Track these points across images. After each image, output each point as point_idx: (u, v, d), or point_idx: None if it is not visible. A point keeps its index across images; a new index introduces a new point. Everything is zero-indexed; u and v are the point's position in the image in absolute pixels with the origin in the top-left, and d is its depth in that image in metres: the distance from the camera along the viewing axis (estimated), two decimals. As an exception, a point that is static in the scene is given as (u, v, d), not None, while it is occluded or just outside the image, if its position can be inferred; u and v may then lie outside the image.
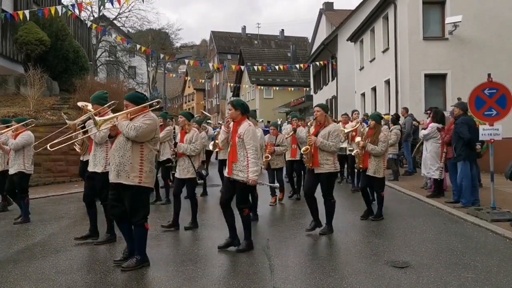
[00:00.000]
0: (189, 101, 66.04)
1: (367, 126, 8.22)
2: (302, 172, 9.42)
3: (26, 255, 5.79)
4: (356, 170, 9.31)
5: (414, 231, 6.53)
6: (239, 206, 5.55)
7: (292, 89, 37.56)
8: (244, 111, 5.49)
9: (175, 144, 6.84)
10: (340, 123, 10.81)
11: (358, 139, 7.66)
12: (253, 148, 5.33)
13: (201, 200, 9.57)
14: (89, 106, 8.58)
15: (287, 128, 9.55)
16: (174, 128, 10.33)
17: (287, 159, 9.56)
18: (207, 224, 7.35)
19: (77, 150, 7.59)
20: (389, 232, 6.54)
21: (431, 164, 8.86)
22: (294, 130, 8.91)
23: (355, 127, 9.63)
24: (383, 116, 7.91)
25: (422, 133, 9.18)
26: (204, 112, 11.11)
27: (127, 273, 4.88)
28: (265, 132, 11.27)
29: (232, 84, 46.61)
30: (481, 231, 6.42)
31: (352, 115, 11.95)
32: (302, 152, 6.40)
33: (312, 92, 33.79)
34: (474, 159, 8.04)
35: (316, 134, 6.23)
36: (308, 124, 6.98)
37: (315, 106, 6.44)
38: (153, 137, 4.91)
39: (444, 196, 8.94)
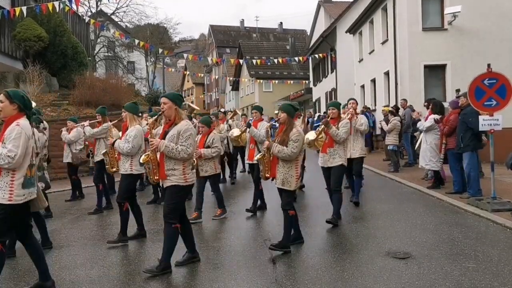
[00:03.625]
0: (188, 96, 65.96)
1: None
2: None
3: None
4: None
5: (415, 222, 6.56)
6: None
7: (292, 82, 37.52)
8: (24, 106, 4.01)
9: None
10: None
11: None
12: (10, 153, 3.75)
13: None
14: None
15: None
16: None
17: (246, 162, 8.09)
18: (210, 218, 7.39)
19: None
20: (389, 224, 6.56)
21: (431, 155, 8.86)
22: (248, 125, 7.43)
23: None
24: (298, 107, 6.14)
25: (423, 125, 9.13)
26: (191, 104, 10.66)
27: (129, 268, 4.91)
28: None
29: (231, 78, 46.53)
30: (482, 221, 6.44)
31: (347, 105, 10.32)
32: (141, 161, 4.95)
33: (311, 85, 33.75)
34: (479, 149, 8.03)
35: (164, 135, 4.71)
36: (148, 121, 5.64)
37: (162, 97, 4.85)
38: None
39: (444, 187, 8.96)
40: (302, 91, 34.84)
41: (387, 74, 17.98)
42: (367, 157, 9.53)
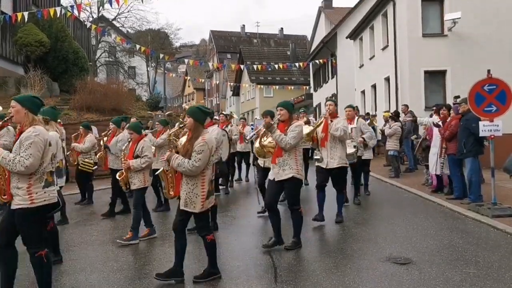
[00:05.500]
0: (189, 101, 66.08)
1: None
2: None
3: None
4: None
5: (416, 227, 6.55)
6: None
7: (292, 87, 37.52)
8: None
9: None
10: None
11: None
12: None
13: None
14: None
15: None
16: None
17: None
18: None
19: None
20: (390, 229, 6.55)
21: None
22: None
23: (319, 123, 6.88)
24: (209, 111, 4.93)
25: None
26: (187, 107, 10.42)
27: (129, 273, 4.90)
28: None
29: (232, 83, 46.65)
30: (482, 227, 6.44)
31: (325, 105, 7.62)
32: None
33: (312, 90, 33.82)
34: (480, 154, 8.00)
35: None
36: None
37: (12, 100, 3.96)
38: None
39: (444, 193, 8.94)
40: (303, 97, 34.90)
41: (387, 79, 18.02)
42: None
